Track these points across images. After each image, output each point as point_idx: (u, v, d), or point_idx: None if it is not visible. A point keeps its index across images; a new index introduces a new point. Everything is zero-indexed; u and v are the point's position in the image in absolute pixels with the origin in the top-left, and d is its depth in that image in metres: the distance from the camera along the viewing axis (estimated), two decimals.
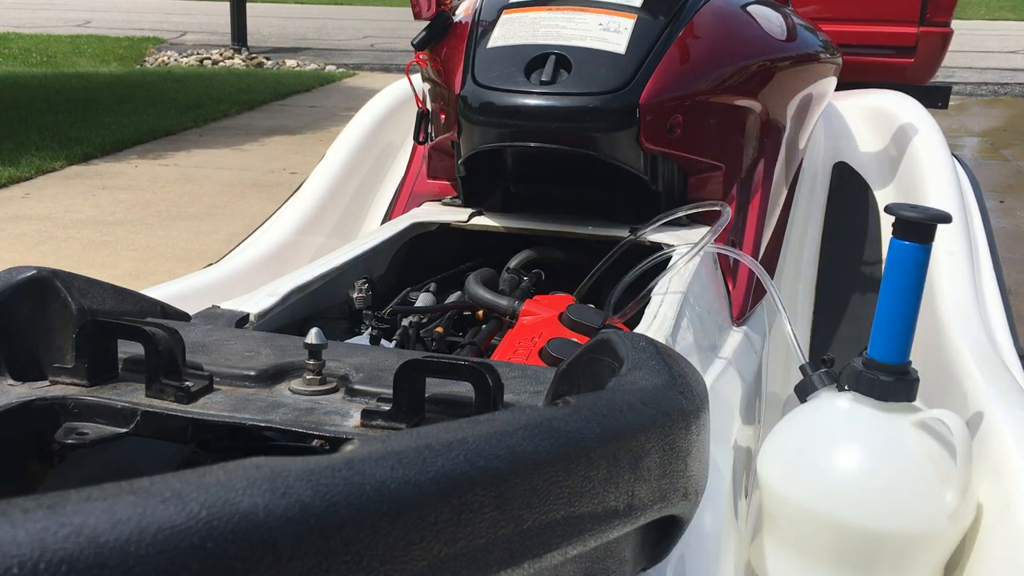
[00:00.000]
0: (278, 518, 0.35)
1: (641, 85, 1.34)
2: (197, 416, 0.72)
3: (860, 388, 0.96)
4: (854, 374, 0.97)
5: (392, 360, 0.81)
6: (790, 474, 0.97)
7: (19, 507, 0.31)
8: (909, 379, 0.96)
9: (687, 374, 0.65)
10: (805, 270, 1.86)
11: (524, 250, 1.42)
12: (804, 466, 0.96)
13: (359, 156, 2.01)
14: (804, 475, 0.95)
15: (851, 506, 0.91)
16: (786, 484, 0.97)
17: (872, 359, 0.96)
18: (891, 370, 0.95)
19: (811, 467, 0.95)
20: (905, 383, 0.95)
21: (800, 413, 1.01)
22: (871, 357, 0.96)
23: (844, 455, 0.94)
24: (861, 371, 0.96)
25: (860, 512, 0.91)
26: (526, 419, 0.49)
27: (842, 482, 0.92)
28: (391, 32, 11.81)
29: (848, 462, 0.93)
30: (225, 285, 1.45)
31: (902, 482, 0.91)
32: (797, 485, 0.95)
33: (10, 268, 0.80)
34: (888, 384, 0.94)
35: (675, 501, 0.59)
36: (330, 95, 7.40)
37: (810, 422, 0.99)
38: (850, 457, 0.93)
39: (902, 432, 0.93)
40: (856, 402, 0.97)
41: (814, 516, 0.93)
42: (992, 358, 1.22)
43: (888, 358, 0.95)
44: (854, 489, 0.92)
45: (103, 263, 3.29)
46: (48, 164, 4.59)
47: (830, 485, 0.93)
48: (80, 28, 11.70)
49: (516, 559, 0.45)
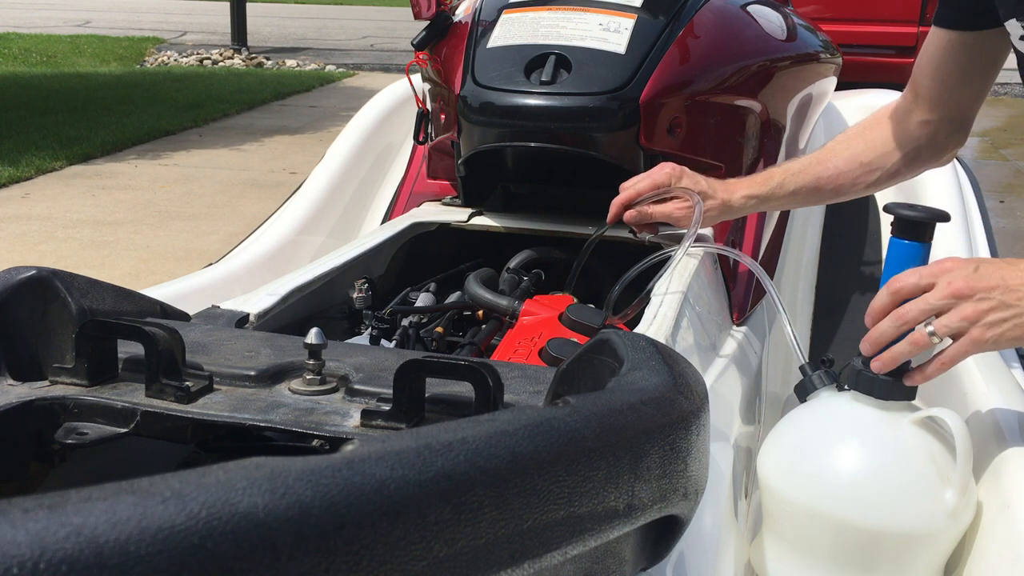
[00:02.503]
0: (278, 518, 0.35)
1: (641, 85, 1.34)
2: (197, 416, 0.72)
3: (860, 387, 0.96)
4: (854, 373, 0.96)
5: (392, 360, 0.81)
6: (790, 474, 0.96)
7: (19, 507, 0.31)
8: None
9: (687, 374, 0.65)
10: (805, 270, 1.86)
11: (524, 250, 1.42)
12: (804, 466, 0.95)
13: (359, 156, 2.01)
14: (804, 474, 0.95)
15: (852, 505, 0.91)
16: (786, 483, 0.96)
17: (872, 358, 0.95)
18: (895, 370, 0.94)
19: (811, 467, 0.95)
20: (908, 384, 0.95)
21: (800, 413, 1.01)
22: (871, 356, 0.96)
23: (844, 455, 0.94)
24: (861, 370, 0.96)
25: (861, 511, 0.91)
26: (526, 419, 0.49)
27: (843, 481, 0.92)
28: (391, 32, 11.82)
29: (849, 461, 0.93)
30: (225, 285, 1.45)
31: (902, 481, 0.91)
32: (797, 485, 0.95)
33: (10, 268, 0.80)
34: (887, 383, 0.94)
35: (675, 501, 0.59)
36: (330, 95, 7.40)
37: (810, 422, 0.99)
38: (851, 456, 0.93)
39: (902, 431, 0.93)
40: (856, 401, 0.96)
41: (815, 515, 0.93)
42: (993, 359, 1.22)
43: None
44: (855, 488, 0.91)
45: (103, 263, 3.29)
46: (48, 164, 4.59)
47: (831, 485, 0.92)
48: (80, 28, 11.71)
49: (516, 559, 0.45)
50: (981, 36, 1.20)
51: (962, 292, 0.87)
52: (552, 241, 1.45)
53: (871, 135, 1.33)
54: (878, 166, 1.30)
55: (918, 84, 1.28)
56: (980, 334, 0.87)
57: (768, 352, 1.46)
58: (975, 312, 0.87)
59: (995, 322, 0.86)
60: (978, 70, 1.25)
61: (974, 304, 0.87)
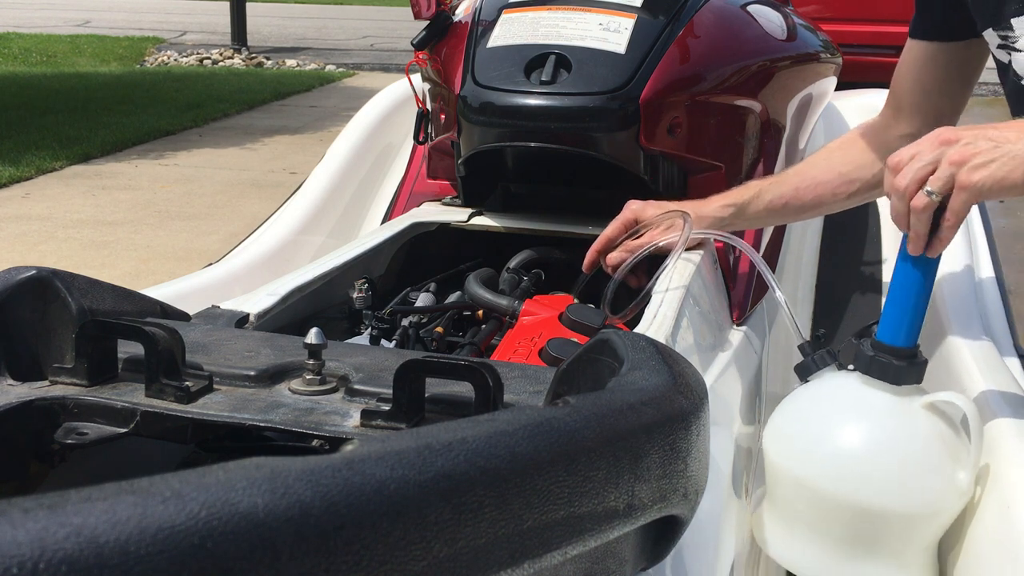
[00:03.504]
0: (278, 518, 0.35)
1: (641, 85, 1.34)
2: (197, 416, 0.72)
3: (873, 372, 0.97)
4: (865, 359, 0.97)
5: (392, 360, 0.81)
6: (800, 454, 0.98)
7: (19, 507, 0.31)
8: (919, 362, 0.97)
9: (687, 374, 0.65)
10: (805, 270, 1.86)
11: (524, 250, 1.42)
12: (816, 447, 0.97)
13: (359, 156, 2.01)
14: (816, 456, 0.97)
15: (864, 486, 0.93)
16: (796, 464, 0.98)
17: (882, 343, 0.97)
18: (903, 354, 0.96)
19: (824, 449, 0.96)
20: (916, 367, 0.97)
21: (806, 394, 1.02)
22: (881, 341, 0.97)
23: (858, 437, 0.96)
24: (873, 356, 0.97)
25: (873, 492, 0.93)
26: (526, 419, 0.49)
27: (857, 463, 0.94)
28: (391, 32, 11.81)
29: (862, 443, 0.95)
30: (225, 285, 1.45)
31: (917, 462, 0.93)
32: (808, 465, 0.97)
33: (10, 268, 0.80)
34: (901, 368, 0.95)
35: (675, 501, 0.59)
36: (330, 95, 7.40)
37: (819, 404, 1.01)
38: (864, 438, 0.95)
39: (915, 414, 0.95)
40: (866, 384, 0.97)
41: (825, 496, 0.95)
42: (992, 358, 1.22)
43: (900, 342, 0.96)
44: (869, 470, 0.93)
45: (103, 263, 3.29)
46: (48, 164, 4.59)
47: (844, 466, 0.94)
48: (80, 28, 11.69)
49: (516, 559, 0.45)
50: (958, 46, 1.21)
51: (949, 139, 0.90)
52: (552, 241, 1.45)
53: (850, 148, 1.33)
54: (856, 177, 1.30)
55: (899, 97, 1.29)
56: (967, 177, 0.88)
57: (768, 352, 1.46)
58: (960, 155, 0.88)
59: (982, 164, 0.87)
60: (957, 79, 1.26)
61: (961, 148, 0.88)
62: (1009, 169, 0.87)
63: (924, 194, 0.90)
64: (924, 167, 0.90)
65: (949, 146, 0.89)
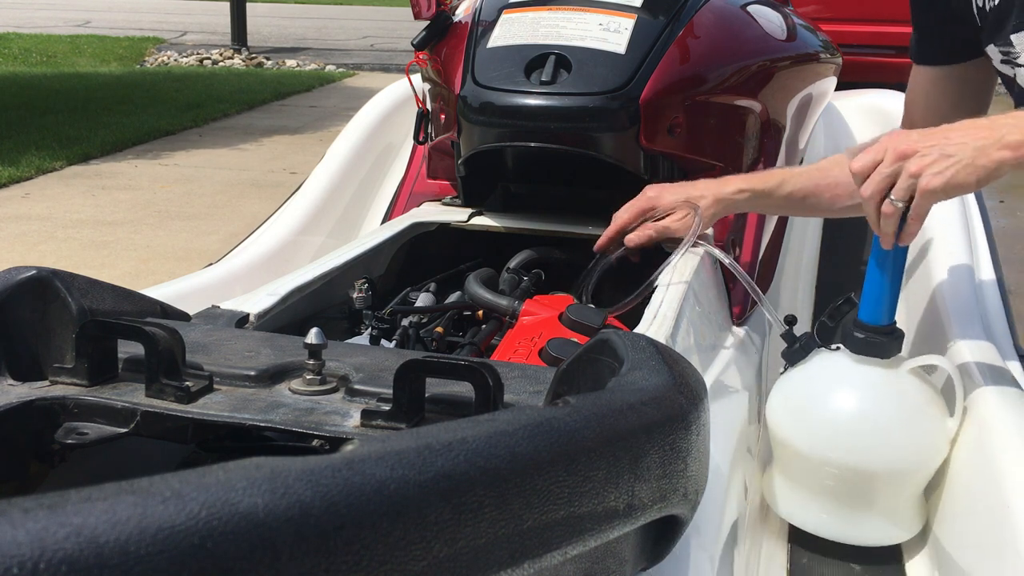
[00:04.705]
0: (278, 518, 0.35)
1: (641, 85, 1.34)
2: (197, 416, 0.72)
3: (861, 350, 1.10)
4: (853, 339, 1.11)
5: (392, 360, 0.81)
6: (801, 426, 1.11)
7: (19, 507, 0.31)
8: (898, 336, 1.11)
9: (687, 374, 0.65)
10: (805, 270, 1.86)
11: (524, 250, 1.42)
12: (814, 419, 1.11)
13: (359, 156, 2.01)
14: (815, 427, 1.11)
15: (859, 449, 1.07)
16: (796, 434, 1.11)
17: (864, 323, 1.10)
18: (884, 331, 1.10)
19: (821, 420, 1.10)
20: (896, 340, 1.11)
21: (801, 373, 1.15)
22: (863, 320, 1.10)
23: (852, 406, 1.10)
24: (861, 337, 1.10)
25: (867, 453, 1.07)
26: (526, 419, 0.49)
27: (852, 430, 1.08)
28: (391, 32, 11.81)
29: (855, 412, 1.09)
30: (225, 285, 1.45)
31: (901, 424, 1.08)
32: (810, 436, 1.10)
33: (10, 268, 0.80)
34: (884, 343, 1.10)
35: (675, 501, 0.59)
36: (330, 95, 7.40)
37: (814, 381, 1.14)
38: (857, 407, 1.10)
39: (900, 381, 1.10)
40: (856, 361, 1.11)
41: (824, 461, 1.09)
42: (992, 358, 1.22)
43: (881, 321, 1.10)
44: (864, 434, 1.08)
45: (103, 263, 3.29)
46: (48, 164, 4.59)
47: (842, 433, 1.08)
48: (80, 28, 11.70)
49: (516, 559, 0.45)
50: (963, 67, 1.23)
51: (905, 153, 0.98)
52: (552, 241, 1.45)
53: None
54: None
55: (913, 120, 1.32)
56: (927, 183, 0.96)
57: (768, 352, 1.46)
58: (918, 167, 0.96)
59: (939, 171, 0.96)
60: (970, 97, 1.29)
61: (917, 160, 0.97)
62: (962, 174, 0.96)
63: (890, 203, 0.99)
64: (885, 179, 0.99)
65: (907, 159, 0.98)
